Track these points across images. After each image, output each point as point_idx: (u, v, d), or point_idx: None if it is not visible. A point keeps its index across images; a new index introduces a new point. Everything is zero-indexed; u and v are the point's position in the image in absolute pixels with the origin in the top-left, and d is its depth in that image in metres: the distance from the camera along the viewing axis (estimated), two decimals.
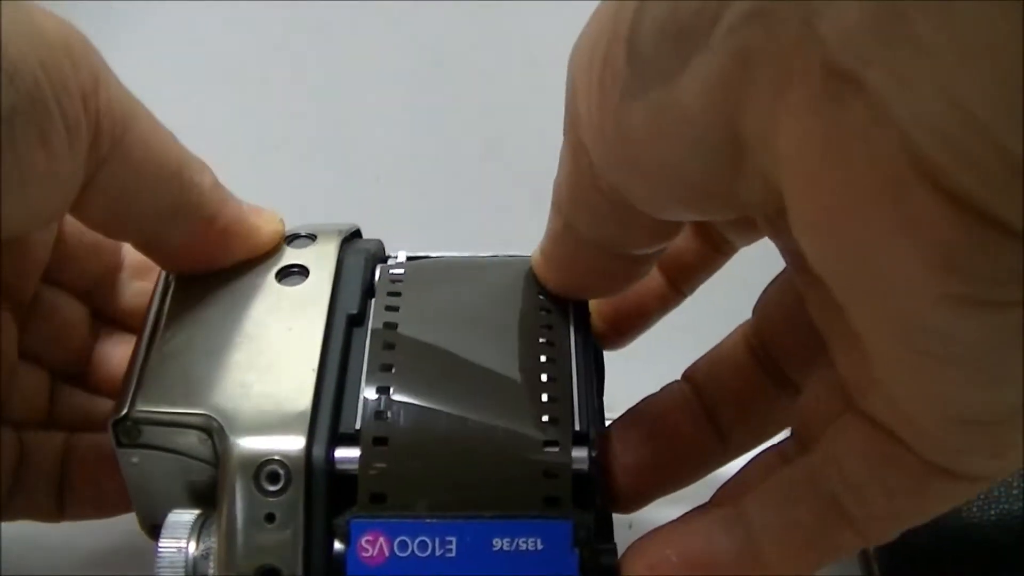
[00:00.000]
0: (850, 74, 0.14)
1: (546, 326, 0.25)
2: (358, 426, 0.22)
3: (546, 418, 0.23)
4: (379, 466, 0.22)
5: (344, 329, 0.25)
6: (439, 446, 0.22)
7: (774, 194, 0.17)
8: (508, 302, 0.25)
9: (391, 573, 0.22)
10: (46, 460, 0.27)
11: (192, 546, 0.22)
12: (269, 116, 0.46)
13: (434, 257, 0.27)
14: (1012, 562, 0.28)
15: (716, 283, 0.29)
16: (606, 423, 0.25)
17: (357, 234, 0.28)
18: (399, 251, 0.27)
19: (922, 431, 0.18)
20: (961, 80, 0.13)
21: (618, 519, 0.24)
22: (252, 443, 0.22)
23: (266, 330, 0.24)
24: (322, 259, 0.26)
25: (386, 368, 0.23)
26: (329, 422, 0.23)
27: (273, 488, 0.22)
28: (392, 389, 0.23)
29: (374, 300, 0.25)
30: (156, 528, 0.23)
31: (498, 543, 0.22)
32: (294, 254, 0.26)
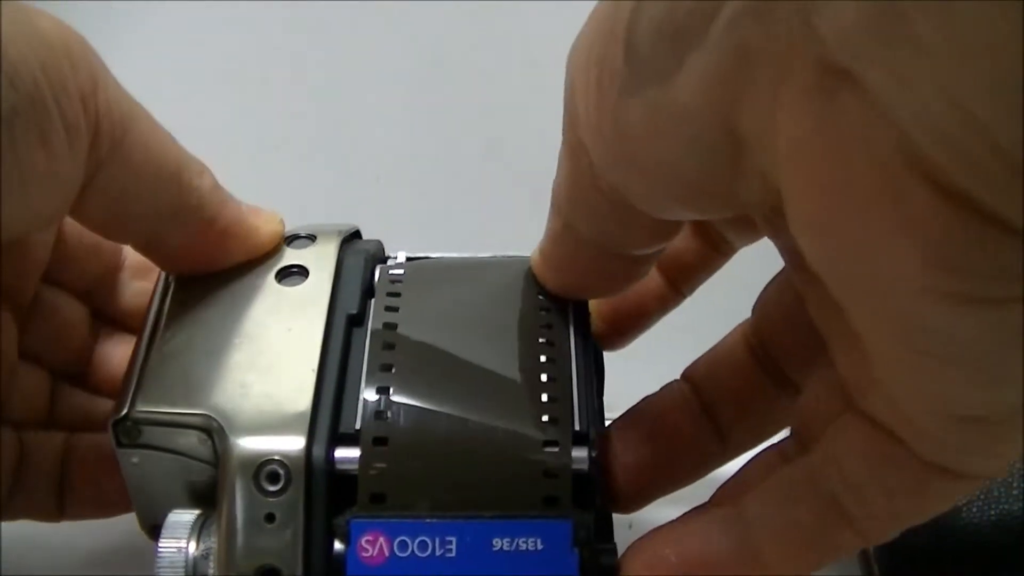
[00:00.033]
0: (847, 72, 0.14)
1: (546, 326, 0.25)
2: (358, 426, 0.22)
3: (546, 418, 0.23)
4: (379, 466, 0.22)
5: (344, 329, 0.25)
6: (439, 446, 0.22)
7: (772, 192, 0.17)
8: (508, 302, 0.25)
9: (391, 573, 0.22)
10: (46, 460, 0.27)
11: (192, 546, 0.22)
12: (269, 116, 0.46)
13: (434, 258, 0.27)
14: (1012, 562, 0.28)
15: (716, 283, 0.29)
16: (606, 423, 0.25)
17: (357, 235, 0.28)
18: (399, 252, 0.27)
19: (922, 431, 0.18)
20: (960, 79, 0.13)
21: (618, 519, 0.24)
22: (252, 443, 0.22)
23: (266, 330, 0.24)
24: (322, 259, 0.26)
25: (386, 368, 0.23)
26: (329, 422, 0.23)
27: (273, 488, 0.22)
28: (392, 389, 0.23)
29: (374, 300, 0.25)
30: (156, 528, 0.23)
31: (498, 543, 0.22)
32: (294, 254, 0.26)
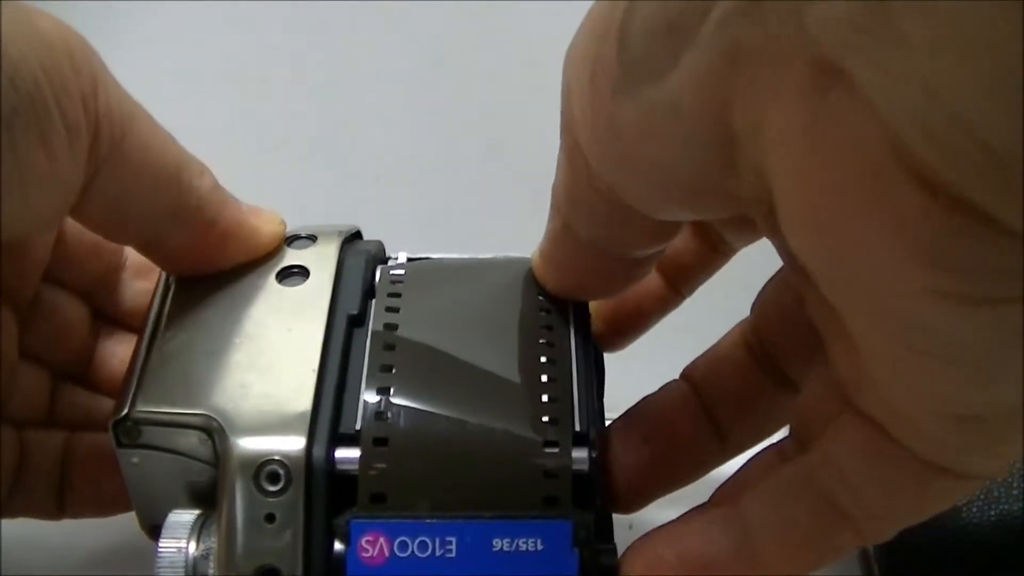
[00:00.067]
0: (838, 70, 0.14)
1: (546, 327, 0.25)
2: (358, 426, 0.22)
3: (546, 418, 0.23)
4: (379, 466, 0.22)
5: (344, 330, 0.25)
6: (439, 447, 0.22)
7: (767, 191, 0.17)
8: (508, 303, 0.25)
9: (391, 573, 0.22)
10: (46, 459, 0.27)
11: (192, 546, 0.22)
12: (269, 116, 0.46)
13: (434, 258, 0.27)
14: (1012, 562, 0.28)
15: (716, 283, 0.29)
16: (606, 424, 0.25)
17: (357, 235, 0.28)
18: (400, 252, 0.27)
19: (919, 430, 0.18)
20: (943, 75, 0.13)
21: (618, 519, 0.24)
22: (252, 443, 0.22)
23: (266, 331, 0.24)
24: (322, 260, 0.26)
25: (386, 369, 0.23)
26: (329, 422, 0.23)
27: (273, 488, 0.22)
28: (392, 390, 0.23)
29: (374, 301, 0.25)
30: (156, 528, 0.23)
31: (498, 543, 0.22)
32: (295, 255, 0.26)
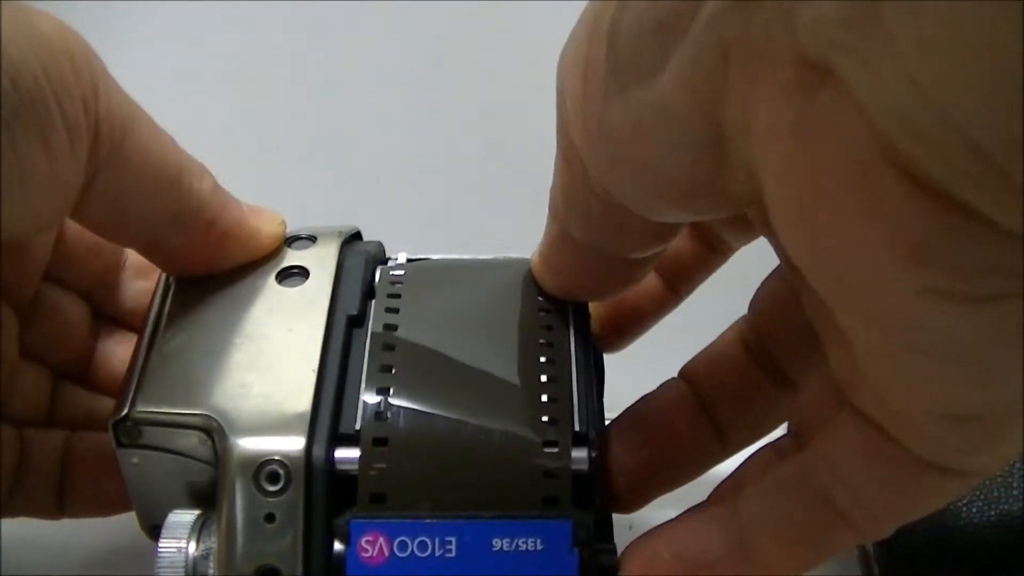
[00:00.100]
0: (824, 66, 0.14)
1: (546, 327, 0.25)
2: (358, 427, 0.22)
3: (546, 418, 0.23)
4: (379, 466, 0.22)
5: (344, 330, 0.25)
6: (439, 447, 0.22)
7: (758, 190, 0.17)
8: (508, 303, 0.25)
9: (391, 573, 0.22)
10: (47, 459, 0.27)
11: (192, 546, 0.22)
12: (269, 116, 0.46)
13: (434, 259, 0.27)
14: (1012, 562, 0.28)
15: (716, 283, 0.29)
16: (606, 424, 0.25)
17: (357, 236, 0.28)
18: (399, 253, 0.27)
19: (915, 428, 0.18)
20: (935, 75, 0.13)
21: (618, 519, 0.24)
22: (252, 443, 0.22)
23: (266, 331, 0.24)
24: (322, 260, 0.26)
25: (386, 369, 0.23)
26: (329, 422, 0.23)
27: (273, 488, 0.22)
28: (392, 390, 0.23)
29: (374, 301, 0.25)
30: (156, 528, 0.23)
31: (498, 543, 0.22)
32: (294, 255, 0.26)
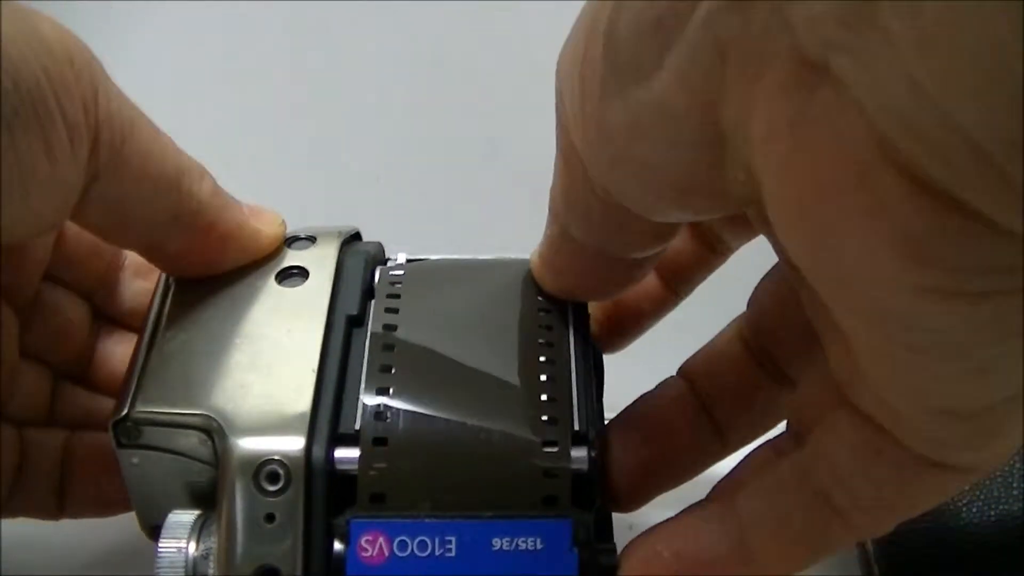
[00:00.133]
0: (818, 61, 0.14)
1: (545, 327, 0.25)
2: (358, 426, 0.22)
3: (545, 418, 0.23)
4: (379, 466, 0.22)
5: (344, 330, 0.25)
6: (438, 446, 0.22)
7: (757, 188, 0.17)
8: (507, 303, 0.25)
9: (391, 573, 0.22)
10: (47, 458, 0.27)
11: (192, 546, 0.22)
12: (269, 116, 0.46)
13: (434, 259, 0.27)
14: (1012, 562, 0.28)
15: (715, 283, 0.29)
16: (605, 423, 0.25)
17: (357, 236, 0.28)
18: (399, 253, 0.27)
19: (911, 425, 0.18)
20: (934, 75, 0.13)
21: (618, 519, 0.24)
22: (252, 443, 0.22)
23: (266, 331, 0.24)
24: (322, 261, 0.26)
25: (386, 369, 0.23)
26: (329, 422, 0.23)
27: (273, 488, 0.22)
28: (392, 390, 0.23)
29: (374, 301, 0.25)
30: (156, 529, 0.23)
31: (498, 543, 0.22)
32: (294, 256, 0.26)
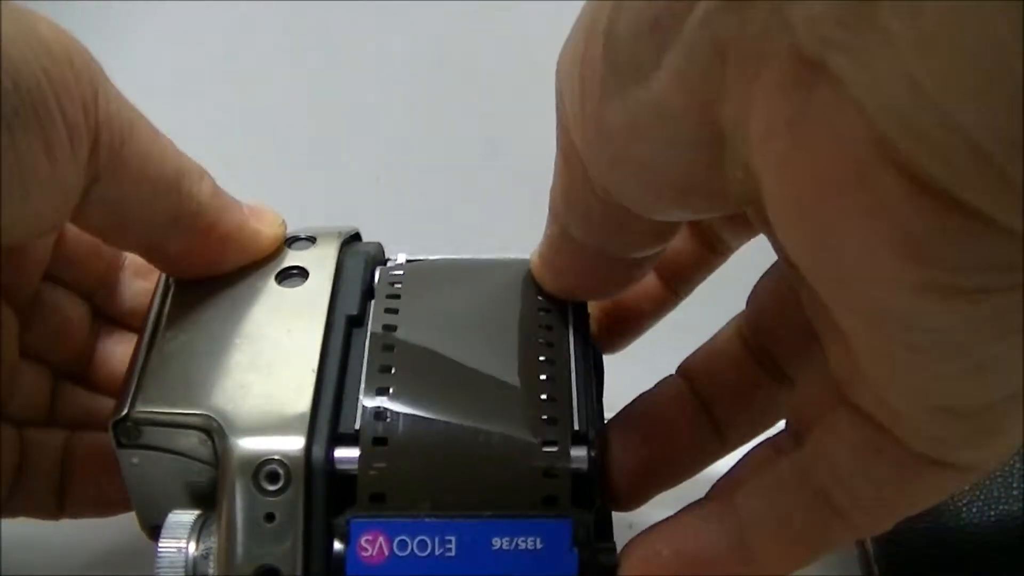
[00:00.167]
0: (821, 64, 0.14)
1: (545, 327, 0.25)
2: (358, 426, 0.22)
3: (545, 418, 0.23)
4: (379, 466, 0.22)
5: (344, 330, 0.25)
6: (438, 446, 0.22)
7: (756, 188, 0.17)
8: (507, 303, 0.25)
9: (391, 573, 0.22)
10: (47, 459, 0.27)
11: (192, 546, 0.22)
12: (269, 117, 0.46)
13: (433, 259, 0.27)
14: (1012, 562, 0.28)
15: (715, 283, 0.29)
16: (605, 423, 0.25)
17: (357, 237, 0.28)
18: (399, 253, 0.27)
19: (911, 424, 0.18)
20: (934, 75, 0.13)
21: (618, 519, 0.24)
22: (252, 443, 0.22)
23: (266, 331, 0.24)
24: (322, 261, 0.26)
25: (386, 369, 0.23)
26: (329, 422, 0.23)
27: (273, 488, 0.22)
28: (392, 390, 0.23)
29: (373, 302, 0.25)
30: (156, 528, 0.23)
31: (498, 542, 0.22)
32: (294, 256, 0.26)
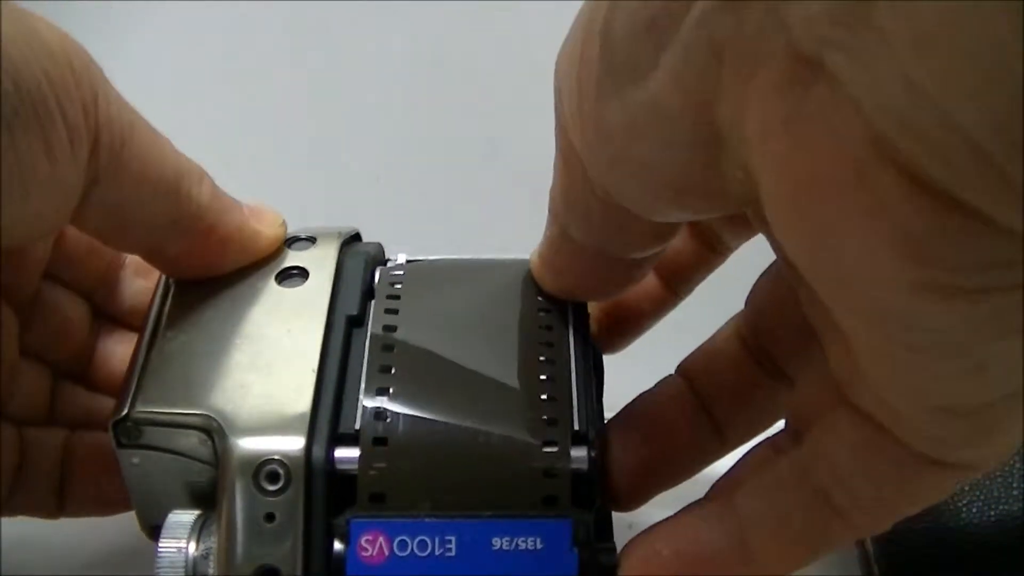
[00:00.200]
0: (818, 63, 0.14)
1: (545, 327, 0.25)
2: (358, 426, 0.22)
3: (545, 418, 0.23)
4: (379, 466, 0.22)
5: (344, 330, 0.25)
6: (438, 446, 0.22)
7: (754, 187, 0.17)
8: (507, 303, 0.25)
9: (391, 573, 0.22)
10: (47, 458, 0.27)
11: (192, 546, 0.22)
12: (269, 116, 0.46)
13: (433, 259, 0.27)
14: (1012, 562, 0.28)
15: (715, 283, 0.29)
16: (605, 423, 0.25)
17: (357, 237, 0.28)
18: (399, 253, 0.27)
19: (911, 424, 0.18)
20: (932, 75, 0.13)
21: (618, 519, 0.24)
22: (252, 443, 0.22)
23: (266, 331, 0.24)
24: (322, 261, 0.26)
25: (386, 369, 0.23)
26: (329, 422, 0.23)
27: (273, 488, 0.22)
28: (392, 390, 0.23)
29: (373, 302, 0.25)
30: (156, 528, 0.23)
31: (498, 542, 0.22)
32: (294, 256, 0.26)
